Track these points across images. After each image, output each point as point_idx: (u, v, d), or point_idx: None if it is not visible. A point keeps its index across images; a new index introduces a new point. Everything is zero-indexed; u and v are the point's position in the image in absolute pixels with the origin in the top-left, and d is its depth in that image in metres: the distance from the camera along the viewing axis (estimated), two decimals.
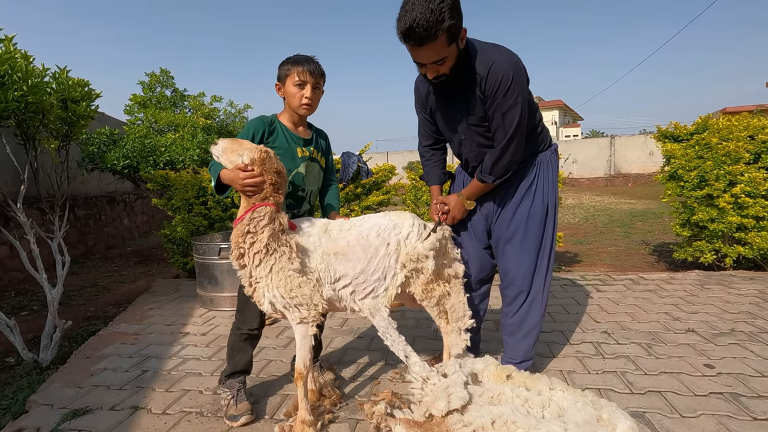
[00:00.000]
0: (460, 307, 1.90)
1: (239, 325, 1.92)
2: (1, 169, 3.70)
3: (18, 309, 3.69)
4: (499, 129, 1.74)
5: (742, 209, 3.66)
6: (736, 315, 2.80)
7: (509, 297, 2.01)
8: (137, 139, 5.58)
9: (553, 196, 1.94)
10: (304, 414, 1.69)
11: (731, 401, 1.83)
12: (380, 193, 4.35)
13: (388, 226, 1.76)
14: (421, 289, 1.79)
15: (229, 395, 1.86)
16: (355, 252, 1.70)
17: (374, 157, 20.97)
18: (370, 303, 1.73)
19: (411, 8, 1.48)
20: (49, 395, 2.08)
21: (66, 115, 2.67)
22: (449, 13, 1.48)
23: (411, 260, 1.73)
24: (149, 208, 8.46)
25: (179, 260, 4.27)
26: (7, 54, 2.25)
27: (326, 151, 2.06)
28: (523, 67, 1.71)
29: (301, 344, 1.69)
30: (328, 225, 1.77)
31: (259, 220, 1.59)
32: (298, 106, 1.83)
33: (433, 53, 1.58)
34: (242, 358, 1.93)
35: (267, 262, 1.60)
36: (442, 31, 1.50)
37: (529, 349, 2.01)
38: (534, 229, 1.92)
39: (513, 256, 1.96)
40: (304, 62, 1.79)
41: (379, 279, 1.73)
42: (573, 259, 4.85)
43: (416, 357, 1.69)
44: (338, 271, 1.70)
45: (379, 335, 1.73)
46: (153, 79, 11.43)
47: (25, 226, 2.49)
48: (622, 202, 10.59)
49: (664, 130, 4.19)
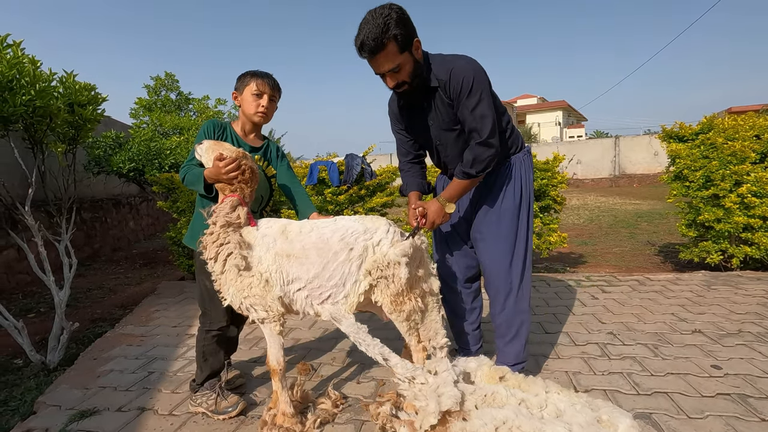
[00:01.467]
0: (433, 326, 1.83)
1: (207, 327, 1.93)
2: (9, 173, 3.73)
3: (25, 311, 3.72)
4: (474, 127, 1.78)
5: (748, 209, 3.63)
6: (743, 316, 2.78)
7: (491, 296, 2.05)
8: (143, 142, 5.63)
9: (526, 194, 1.99)
10: (285, 406, 1.75)
11: (739, 402, 1.81)
12: (384, 195, 4.35)
13: (357, 231, 1.69)
14: (389, 300, 1.69)
15: (213, 395, 1.91)
16: (309, 256, 1.65)
17: (378, 159, 20.99)
18: (330, 308, 1.69)
19: (363, 27, 1.67)
20: (56, 396, 2.10)
21: (73, 119, 2.70)
22: (394, 24, 1.65)
23: (378, 267, 1.64)
24: (154, 211, 8.51)
25: (184, 262, 4.30)
26: (15, 59, 2.28)
27: (279, 160, 2.12)
28: (483, 69, 1.79)
29: (269, 342, 1.75)
30: (288, 226, 1.73)
31: (220, 211, 1.67)
32: (254, 113, 1.95)
33: (385, 60, 1.71)
34: (215, 361, 1.96)
35: (221, 256, 1.63)
36: (388, 39, 1.66)
37: (520, 351, 2.01)
38: (506, 225, 1.96)
39: (488, 253, 2.00)
40: (263, 75, 1.96)
41: (337, 285, 1.67)
42: (578, 260, 4.84)
43: (396, 358, 1.67)
44: (291, 274, 1.65)
45: (353, 341, 1.70)
46: (158, 82, 11.51)
47: (33, 229, 2.52)
48: (627, 203, 10.54)
49: (669, 130, 4.18)
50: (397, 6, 1.69)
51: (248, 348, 2.60)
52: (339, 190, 4.13)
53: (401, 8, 1.69)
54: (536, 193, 4.02)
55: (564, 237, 3.99)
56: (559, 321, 2.84)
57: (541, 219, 4.02)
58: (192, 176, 1.81)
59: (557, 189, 4.09)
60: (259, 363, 2.41)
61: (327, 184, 4.15)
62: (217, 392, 1.91)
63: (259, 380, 2.21)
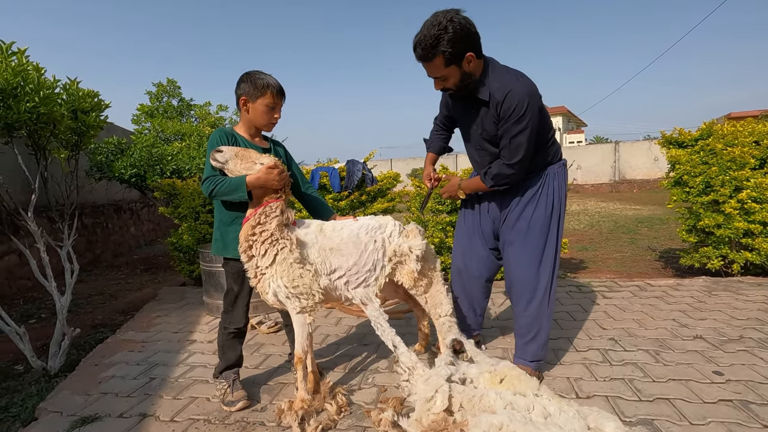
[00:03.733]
0: (438, 296, 2.15)
1: (226, 325, 2.08)
2: (12, 179, 3.75)
3: (27, 317, 3.72)
4: (505, 148, 1.90)
5: (748, 215, 3.64)
6: (745, 321, 2.77)
7: (514, 300, 2.13)
8: (144, 148, 5.65)
9: (558, 205, 2.03)
10: (303, 393, 1.88)
11: (741, 408, 1.81)
12: (385, 201, 4.37)
13: (374, 226, 2.04)
14: (408, 278, 2.05)
15: (226, 385, 2.04)
16: (348, 247, 1.96)
17: (378, 164, 21.04)
18: (362, 292, 1.99)
19: (422, 29, 1.74)
20: (58, 403, 2.10)
21: (76, 125, 2.72)
22: (446, 41, 1.70)
23: (396, 254, 2.03)
24: (155, 216, 8.52)
25: (186, 268, 4.30)
26: (20, 66, 2.30)
27: (287, 160, 2.18)
28: (539, 96, 1.85)
29: (299, 332, 1.90)
30: (323, 225, 2.02)
31: (270, 213, 1.81)
32: (267, 123, 2.01)
33: (431, 70, 1.83)
34: (233, 354, 2.10)
35: (271, 252, 1.80)
36: (434, 55, 1.74)
37: (538, 350, 2.10)
38: (535, 234, 2.01)
39: (514, 259, 2.08)
40: (278, 88, 1.97)
41: (370, 270, 2.00)
42: (578, 266, 4.84)
43: (404, 347, 1.86)
44: (333, 264, 1.94)
45: (372, 325, 1.95)
46: (160, 89, 11.57)
47: (35, 235, 2.53)
48: (627, 208, 10.55)
49: (668, 136, 4.19)
50: (460, 18, 1.70)
51: (250, 353, 2.60)
52: (340, 196, 4.14)
53: (462, 21, 1.70)
54: None
55: (564, 242, 4.00)
56: (560, 326, 2.84)
57: None
58: (230, 185, 1.81)
59: None
60: (261, 369, 2.41)
61: (328, 190, 4.17)
62: (229, 384, 2.03)
63: (258, 386, 2.21)
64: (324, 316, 3.24)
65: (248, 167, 1.82)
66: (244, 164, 1.82)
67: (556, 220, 2.03)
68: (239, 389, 2.02)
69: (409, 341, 2.63)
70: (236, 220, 1.96)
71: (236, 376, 2.08)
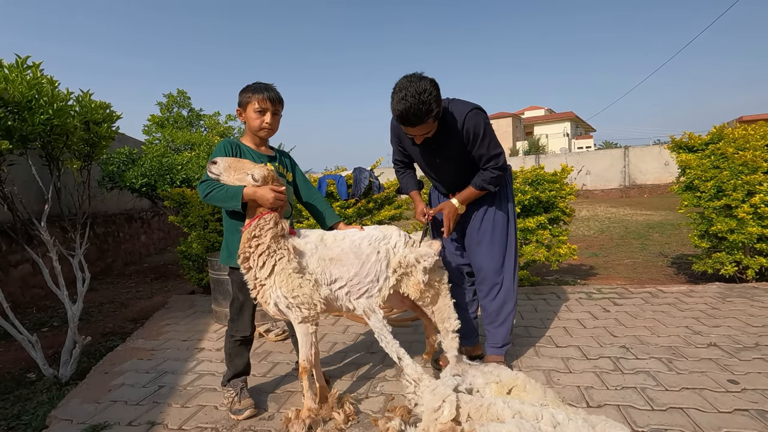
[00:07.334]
0: (446, 310, 2.13)
1: (232, 333, 2.10)
2: (26, 189, 3.83)
3: (39, 325, 3.77)
4: (491, 159, 2.12)
5: (762, 219, 3.58)
6: (760, 329, 2.71)
7: (484, 291, 2.35)
8: (155, 158, 5.73)
9: (511, 206, 2.35)
10: (310, 402, 1.88)
11: (757, 418, 1.77)
12: (392, 208, 4.37)
13: (378, 237, 2.02)
14: (414, 290, 2.03)
15: (233, 393, 2.05)
16: (348, 257, 1.93)
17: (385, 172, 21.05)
18: (364, 302, 1.95)
19: (405, 99, 1.84)
20: (68, 411, 2.12)
21: (88, 136, 2.77)
22: (435, 103, 1.87)
23: (401, 266, 1.99)
24: (165, 225, 8.62)
25: (195, 276, 4.33)
26: (35, 80, 2.36)
27: (292, 169, 2.26)
28: (484, 110, 2.11)
29: (303, 342, 1.88)
30: (324, 235, 2.00)
31: (264, 225, 1.81)
32: (259, 129, 2.03)
33: (422, 130, 1.98)
34: (240, 361, 2.12)
35: (269, 263, 1.80)
36: (429, 117, 1.89)
37: (507, 334, 2.33)
38: (499, 232, 2.31)
39: (484, 255, 2.31)
40: (264, 90, 1.99)
41: (372, 281, 1.96)
42: (588, 272, 4.78)
43: (409, 359, 1.84)
44: (334, 274, 1.92)
45: (375, 336, 1.92)
46: (170, 99, 11.76)
47: (48, 244, 2.57)
48: (637, 214, 10.42)
49: (678, 140, 4.15)
50: (431, 80, 1.88)
51: (257, 361, 2.60)
52: (347, 204, 4.15)
53: (434, 81, 1.89)
54: (545, 204, 4.02)
55: (574, 249, 3.96)
56: (570, 334, 2.80)
57: (550, 231, 3.99)
58: (226, 193, 1.84)
59: (566, 200, 4.08)
60: (268, 377, 2.42)
61: (335, 198, 4.19)
62: (237, 392, 2.04)
63: (265, 395, 2.21)
64: (332, 324, 3.24)
65: (241, 178, 1.83)
66: (237, 175, 1.83)
67: (513, 218, 2.35)
68: (247, 397, 2.02)
69: (417, 350, 2.63)
70: (239, 229, 1.98)
71: (244, 385, 2.09)
